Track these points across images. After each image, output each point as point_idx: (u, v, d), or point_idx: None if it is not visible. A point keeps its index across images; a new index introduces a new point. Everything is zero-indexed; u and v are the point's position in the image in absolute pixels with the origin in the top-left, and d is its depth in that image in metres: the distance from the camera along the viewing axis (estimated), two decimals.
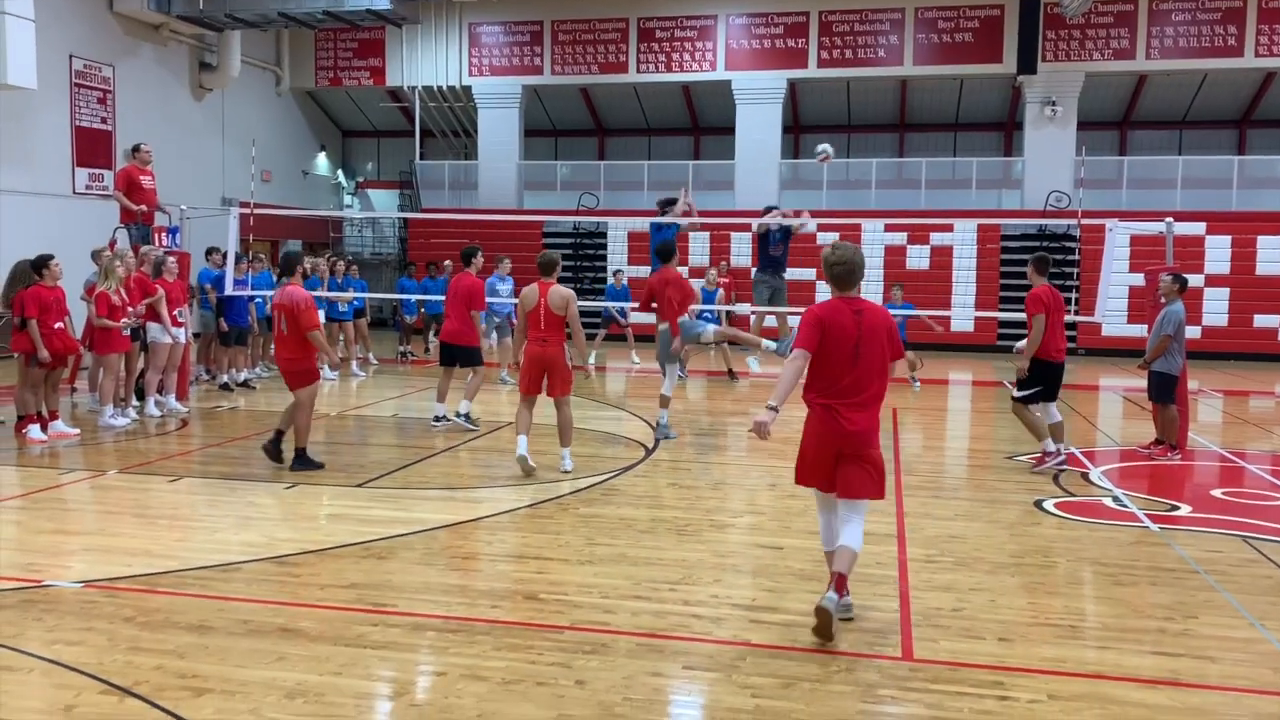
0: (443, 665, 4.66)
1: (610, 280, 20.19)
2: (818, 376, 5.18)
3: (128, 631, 4.96)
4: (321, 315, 15.55)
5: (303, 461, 8.76)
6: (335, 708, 4.19)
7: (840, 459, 5.15)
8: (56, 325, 10.14)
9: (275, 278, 12.61)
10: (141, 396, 11.60)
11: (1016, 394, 9.32)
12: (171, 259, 11.99)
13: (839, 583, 5.05)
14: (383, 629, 5.06)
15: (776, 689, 4.44)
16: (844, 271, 5.18)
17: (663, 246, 10.57)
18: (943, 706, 4.30)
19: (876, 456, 5.21)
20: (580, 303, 9.22)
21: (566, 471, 8.68)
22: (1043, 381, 9.14)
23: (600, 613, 5.34)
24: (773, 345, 10.69)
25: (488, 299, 12.42)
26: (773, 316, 13.62)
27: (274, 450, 8.82)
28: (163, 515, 7.33)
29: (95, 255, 11.50)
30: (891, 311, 15.17)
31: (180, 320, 11.84)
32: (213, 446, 10.03)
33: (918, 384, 15.32)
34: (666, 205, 13.68)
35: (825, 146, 13.26)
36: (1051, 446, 9.17)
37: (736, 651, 4.86)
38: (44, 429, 10.06)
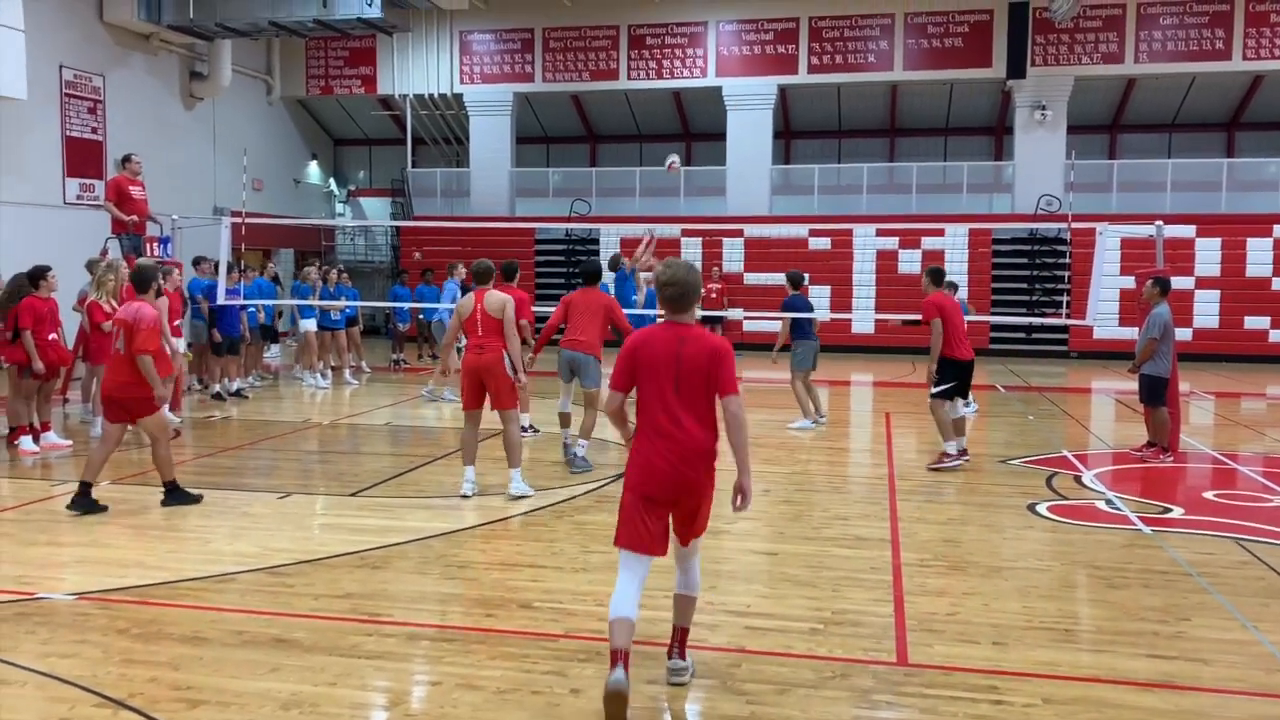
0: (438, 675, 4.66)
1: None
2: (641, 416, 4.52)
3: (121, 643, 4.95)
4: (314, 324, 15.60)
5: (175, 495, 7.80)
6: (331, 718, 4.18)
7: (674, 512, 4.57)
8: (50, 336, 10.10)
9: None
10: None
11: (933, 391, 9.70)
12: (176, 270, 11.98)
13: (681, 637, 4.60)
14: (377, 639, 5.06)
15: (772, 695, 4.45)
16: (677, 294, 4.46)
17: (591, 265, 9.77)
18: (937, 711, 4.31)
19: (707, 509, 4.62)
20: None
21: (516, 498, 8.10)
22: (955, 378, 9.64)
23: (595, 620, 5.33)
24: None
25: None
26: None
27: (85, 502, 7.52)
28: (156, 526, 7.31)
29: (90, 265, 11.49)
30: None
31: (180, 330, 11.82)
32: (205, 457, 10.01)
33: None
34: (616, 263, 12.48)
35: (674, 157, 13.31)
36: (952, 449, 9.58)
37: (731, 658, 4.86)
38: (36, 440, 10.03)
